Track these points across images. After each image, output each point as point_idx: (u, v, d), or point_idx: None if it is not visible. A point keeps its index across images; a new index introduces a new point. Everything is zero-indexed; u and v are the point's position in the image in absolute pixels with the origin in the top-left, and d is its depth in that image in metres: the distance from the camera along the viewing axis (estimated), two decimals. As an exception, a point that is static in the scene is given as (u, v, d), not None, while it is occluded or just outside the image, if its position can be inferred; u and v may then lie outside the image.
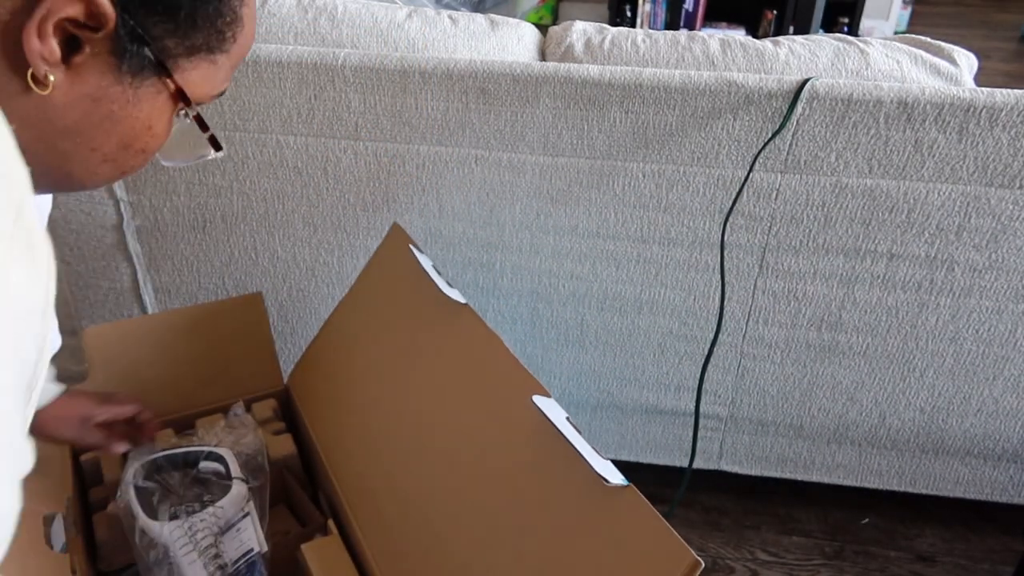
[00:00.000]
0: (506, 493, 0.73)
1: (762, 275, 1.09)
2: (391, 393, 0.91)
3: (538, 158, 1.04)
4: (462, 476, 0.78)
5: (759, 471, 1.27)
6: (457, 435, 0.81)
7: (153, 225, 1.18)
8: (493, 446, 0.77)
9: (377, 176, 1.09)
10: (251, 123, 1.07)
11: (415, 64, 1.01)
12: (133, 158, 0.50)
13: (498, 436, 0.77)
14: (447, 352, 0.87)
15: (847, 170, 0.99)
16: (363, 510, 0.86)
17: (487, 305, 1.18)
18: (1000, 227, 1.00)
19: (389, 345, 0.95)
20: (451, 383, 0.85)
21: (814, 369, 1.15)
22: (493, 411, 0.78)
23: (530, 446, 0.72)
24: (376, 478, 0.87)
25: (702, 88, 0.97)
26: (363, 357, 0.98)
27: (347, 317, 1.04)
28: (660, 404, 1.22)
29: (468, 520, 0.75)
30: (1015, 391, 1.12)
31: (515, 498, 0.72)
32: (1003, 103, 0.92)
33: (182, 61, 0.48)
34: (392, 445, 0.88)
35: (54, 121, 0.45)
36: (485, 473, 0.76)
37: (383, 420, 0.91)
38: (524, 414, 0.73)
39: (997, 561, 1.23)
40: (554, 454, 0.69)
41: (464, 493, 0.77)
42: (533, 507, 0.70)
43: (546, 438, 0.70)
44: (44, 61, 0.42)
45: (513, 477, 0.73)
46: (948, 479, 1.23)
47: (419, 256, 0.94)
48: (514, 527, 0.71)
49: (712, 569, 1.22)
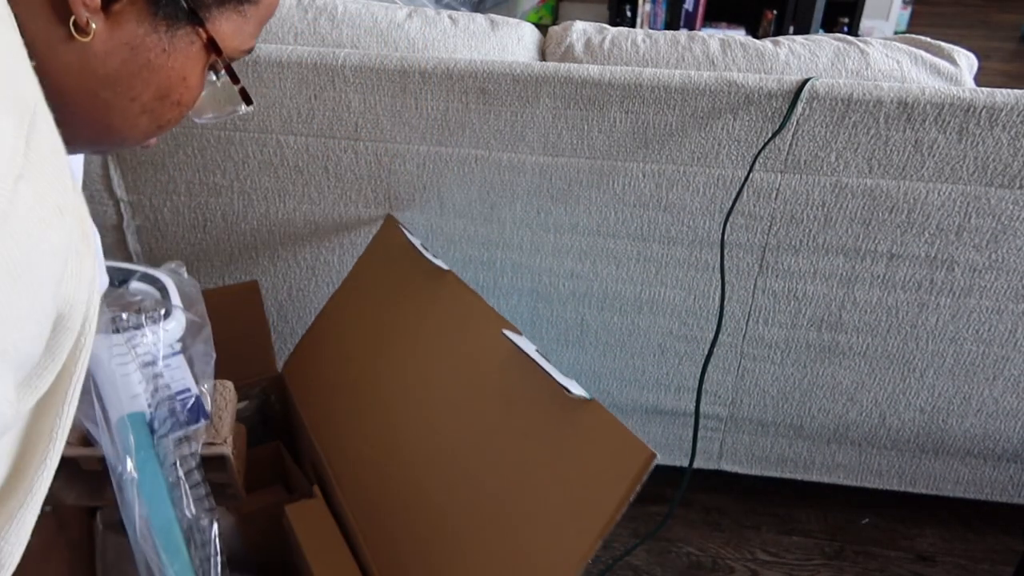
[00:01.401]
0: (475, 414, 0.78)
1: (762, 275, 1.09)
2: (376, 365, 0.94)
3: (538, 158, 1.04)
4: (437, 422, 0.82)
5: (759, 471, 1.27)
6: (435, 385, 0.86)
7: (153, 225, 1.18)
8: (467, 380, 0.82)
9: (377, 175, 1.09)
10: (251, 123, 1.07)
11: (415, 64, 1.01)
12: (170, 110, 0.53)
13: (471, 370, 0.82)
14: (430, 316, 0.91)
15: (847, 170, 0.99)
16: (346, 474, 0.89)
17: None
18: (1000, 227, 1.00)
19: (377, 320, 0.98)
20: (432, 344, 0.89)
21: (814, 369, 1.15)
22: (468, 352, 0.84)
23: (501, 371, 0.77)
24: (359, 445, 0.90)
25: (702, 88, 0.97)
26: (353, 338, 1.01)
27: (340, 305, 1.07)
28: (660, 404, 1.22)
29: (444, 461, 0.79)
30: (1015, 391, 1.12)
31: (482, 413, 0.77)
32: (1003, 103, 0.92)
33: (214, 12, 0.51)
34: (375, 410, 0.91)
35: (96, 69, 0.47)
36: (459, 411, 0.81)
37: (368, 391, 0.93)
38: (496, 347, 0.78)
39: (997, 561, 1.23)
40: (522, 374, 0.74)
41: (439, 435, 0.81)
42: (499, 418, 0.75)
43: (515, 363, 0.76)
44: (85, 7, 0.45)
45: (486, 409, 0.78)
46: (948, 479, 1.23)
47: (409, 236, 0.98)
48: (488, 459, 0.75)
49: (712, 569, 1.22)
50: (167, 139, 1.10)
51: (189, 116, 0.57)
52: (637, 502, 1.45)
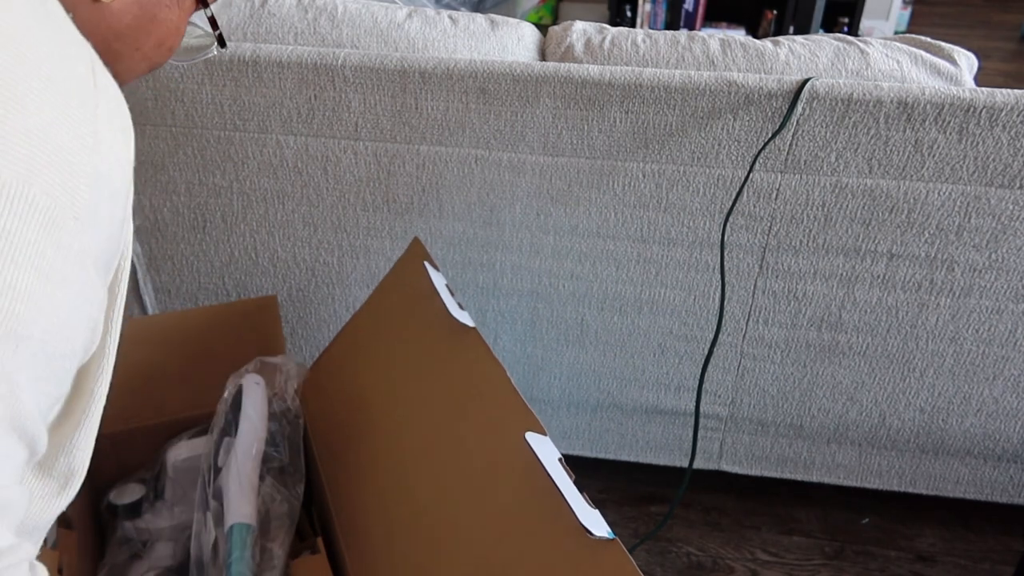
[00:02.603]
0: (490, 531, 0.72)
1: (762, 275, 1.09)
2: (391, 414, 0.90)
3: (538, 158, 1.04)
4: (449, 507, 0.77)
5: (759, 471, 1.27)
6: (449, 465, 0.80)
7: (153, 225, 1.18)
8: (483, 480, 0.75)
9: (377, 176, 1.09)
10: (251, 123, 1.07)
11: (415, 64, 1.01)
12: (164, 55, 0.60)
13: (488, 470, 0.75)
14: (450, 377, 0.86)
15: (847, 170, 0.99)
16: (352, 531, 0.86)
17: (487, 305, 1.18)
18: (1000, 227, 1.00)
19: (394, 365, 0.94)
20: (450, 410, 0.84)
21: (814, 369, 1.15)
22: (487, 444, 0.77)
23: (519, 485, 0.71)
24: (368, 499, 0.86)
25: (702, 88, 0.97)
26: (369, 375, 0.97)
27: (358, 332, 1.03)
28: (660, 404, 1.22)
29: (449, 554, 0.74)
30: (1015, 391, 1.12)
31: (498, 538, 0.70)
32: (1003, 103, 0.92)
33: None
34: (386, 467, 0.87)
35: (112, 24, 0.54)
36: (472, 506, 0.75)
37: (380, 441, 0.89)
38: (517, 451, 0.71)
39: (997, 561, 1.23)
40: (541, 497, 0.67)
41: (449, 525, 0.76)
42: (515, 549, 0.68)
43: (535, 479, 0.68)
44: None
45: (498, 515, 0.71)
46: (948, 479, 1.23)
47: (433, 275, 0.92)
48: (494, 567, 0.69)
49: (712, 569, 1.22)
50: (167, 139, 1.10)
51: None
52: (637, 502, 1.46)
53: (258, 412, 0.90)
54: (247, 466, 0.86)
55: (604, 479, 1.34)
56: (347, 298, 1.21)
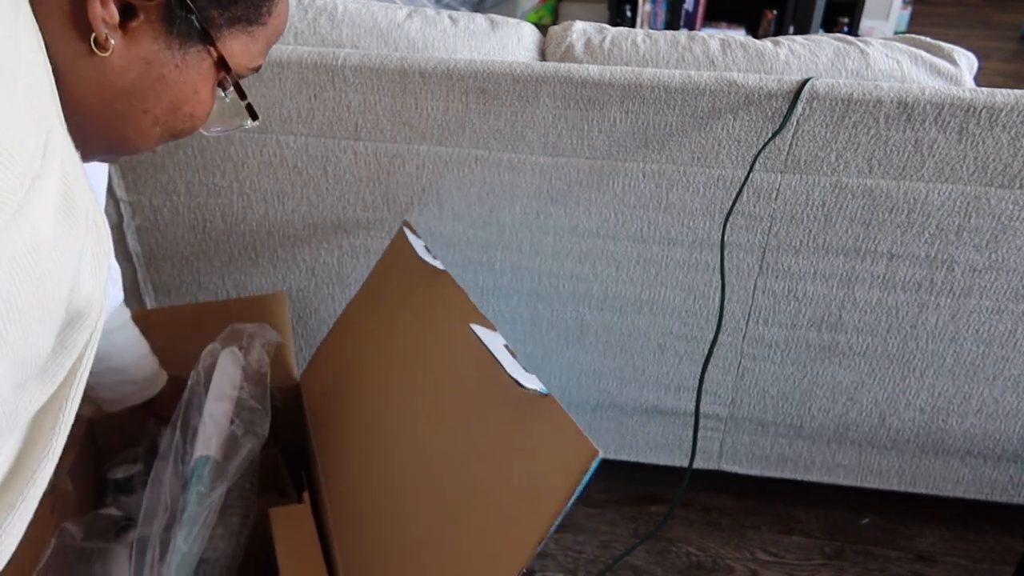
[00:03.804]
0: (448, 427, 0.79)
1: (762, 275, 1.09)
2: (381, 378, 0.94)
3: (538, 158, 1.04)
4: (417, 428, 0.83)
5: (759, 471, 1.27)
6: (418, 393, 0.87)
7: (153, 225, 1.18)
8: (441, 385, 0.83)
9: (377, 176, 1.09)
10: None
11: (415, 64, 1.01)
12: (182, 122, 0.56)
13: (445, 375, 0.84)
14: (420, 319, 0.93)
15: (847, 170, 0.99)
16: (336, 483, 0.90)
17: (487, 305, 1.18)
18: (1000, 227, 1.00)
19: (386, 332, 0.98)
20: (418, 347, 0.90)
21: (814, 369, 1.15)
22: (443, 354, 0.85)
23: (469, 373, 0.79)
24: (353, 457, 0.90)
25: (702, 88, 0.97)
26: (363, 351, 1.01)
27: (355, 315, 1.06)
28: (660, 404, 1.22)
29: (417, 467, 0.80)
30: (1015, 391, 1.12)
31: (454, 428, 0.79)
32: (1003, 103, 0.92)
33: (224, 31, 0.54)
34: (372, 420, 0.91)
35: (113, 83, 0.50)
36: (433, 413, 0.82)
37: (370, 405, 0.93)
38: (466, 344, 0.79)
39: (997, 561, 1.23)
40: (484, 374, 0.75)
41: (418, 441, 0.82)
42: (468, 431, 0.77)
43: (480, 360, 0.76)
44: (105, 24, 0.47)
45: (454, 409, 0.80)
46: (948, 479, 1.23)
47: (412, 240, 0.98)
48: (451, 461, 0.76)
49: (712, 569, 1.22)
50: (167, 139, 1.10)
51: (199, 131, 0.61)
52: (637, 502, 1.46)
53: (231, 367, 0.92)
54: (217, 408, 0.88)
55: (604, 479, 1.34)
56: (347, 298, 1.21)
